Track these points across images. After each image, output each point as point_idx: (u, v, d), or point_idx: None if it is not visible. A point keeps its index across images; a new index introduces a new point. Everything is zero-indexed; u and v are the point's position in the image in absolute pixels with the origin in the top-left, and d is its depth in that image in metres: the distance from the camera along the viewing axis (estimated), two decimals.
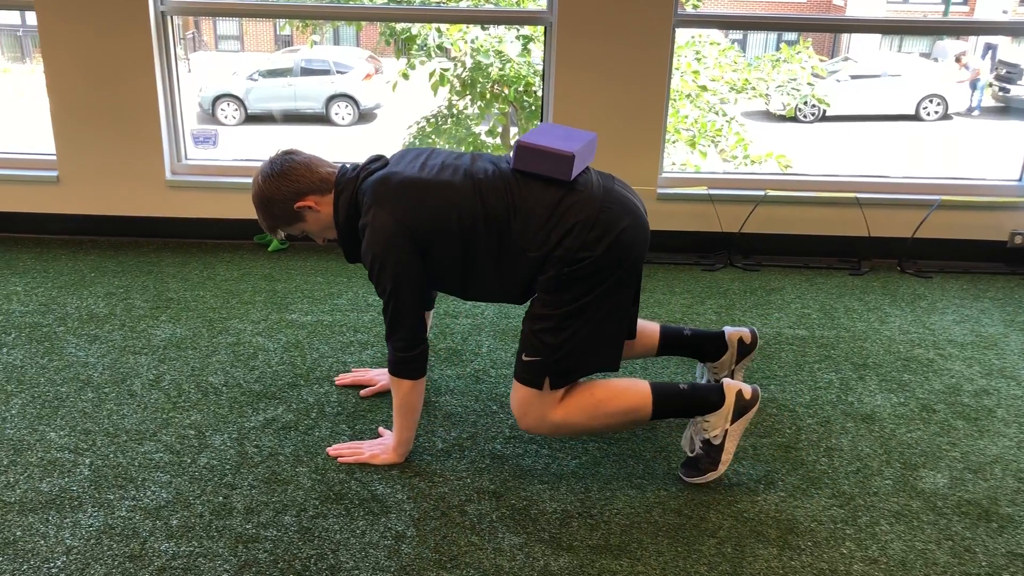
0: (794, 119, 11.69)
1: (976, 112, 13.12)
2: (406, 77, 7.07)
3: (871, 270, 3.76)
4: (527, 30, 7.07)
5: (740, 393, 2.16)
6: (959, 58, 13.32)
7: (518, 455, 2.34)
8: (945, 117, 12.58)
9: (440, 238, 2.08)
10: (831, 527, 2.09)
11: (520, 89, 7.03)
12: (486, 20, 6.73)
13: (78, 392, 2.60)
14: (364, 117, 11.91)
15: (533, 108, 7.15)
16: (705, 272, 3.69)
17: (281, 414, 2.51)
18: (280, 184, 2.17)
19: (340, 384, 2.68)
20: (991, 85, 13.35)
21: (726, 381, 2.19)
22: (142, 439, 2.37)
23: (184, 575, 1.88)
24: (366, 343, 2.95)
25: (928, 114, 12.49)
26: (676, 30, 3.62)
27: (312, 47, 11.12)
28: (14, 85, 14.16)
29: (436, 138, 7.85)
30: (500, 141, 7.65)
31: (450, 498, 2.16)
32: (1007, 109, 13.28)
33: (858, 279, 3.66)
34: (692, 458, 2.24)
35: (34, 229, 3.93)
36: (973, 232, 3.84)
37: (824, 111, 11.79)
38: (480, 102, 7.39)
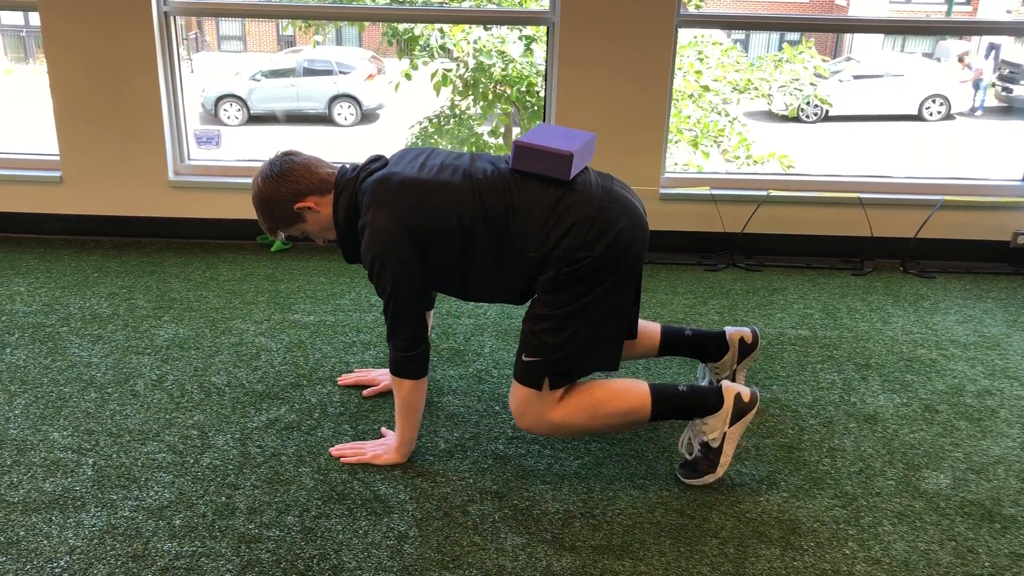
0: (796, 119, 11.68)
1: (979, 112, 13.10)
2: (408, 78, 7.07)
3: (874, 270, 3.75)
4: (530, 30, 7.07)
5: (739, 396, 2.16)
6: (962, 58, 13.30)
7: (520, 455, 2.34)
8: (948, 117, 12.56)
9: (439, 238, 2.08)
10: (834, 527, 2.09)
11: (522, 89, 7.03)
12: (488, 20, 6.74)
13: (81, 392, 2.60)
14: (367, 117, 11.92)
15: (535, 108, 7.15)
16: (707, 272, 3.69)
17: (284, 414, 2.51)
18: (280, 185, 2.17)
19: (343, 384, 2.68)
20: (994, 85, 13.34)
21: (725, 383, 2.19)
22: (145, 439, 2.37)
23: (187, 575, 1.88)
24: (368, 343, 2.95)
25: (931, 114, 12.48)
26: (679, 30, 3.62)
27: (315, 47, 11.14)
28: (17, 85, 14.18)
29: (438, 138, 7.85)
30: (503, 141, 7.64)
31: (453, 498, 2.16)
32: (1010, 109, 13.27)
33: (861, 279, 3.65)
34: (691, 460, 2.24)
35: (37, 229, 3.94)
36: (976, 232, 3.83)
37: (827, 111, 11.79)
38: (482, 102, 7.39)
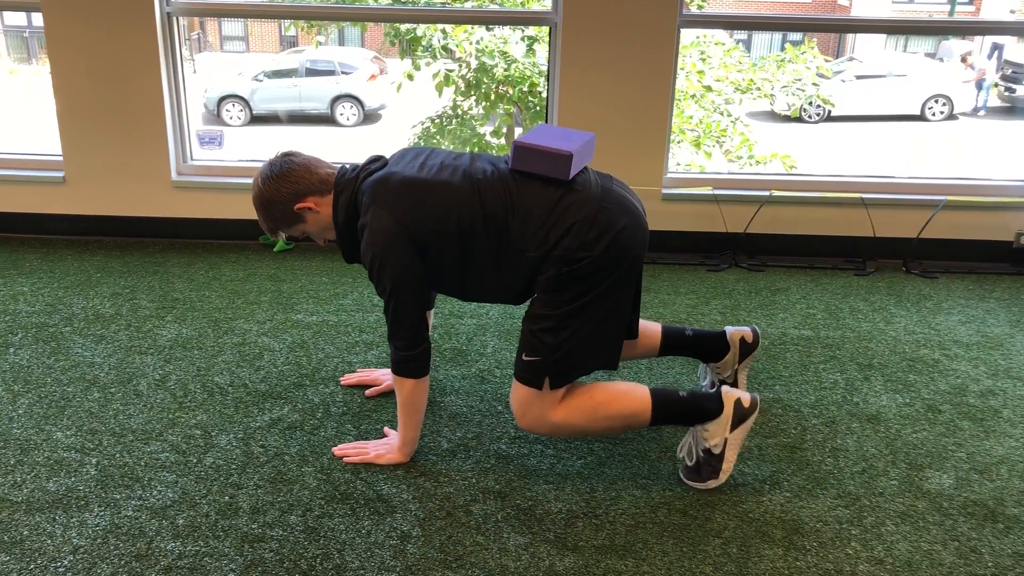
0: (799, 119, 11.67)
1: (982, 112, 13.09)
2: (411, 78, 7.07)
3: (876, 270, 3.75)
4: (532, 31, 7.07)
5: (739, 401, 2.16)
6: (965, 58, 13.29)
7: (523, 455, 2.34)
8: (951, 117, 12.55)
9: (439, 238, 2.08)
10: (836, 527, 2.08)
11: (524, 90, 7.03)
12: (491, 21, 6.74)
13: (84, 392, 2.61)
14: (369, 118, 11.93)
15: (538, 109, 7.15)
16: (710, 272, 3.69)
17: (287, 414, 2.51)
18: (280, 186, 2.17)
19: (345, 384, 2.68)
20: (997, 85, 13.32)
21: (725, 389, 2.18)
22: (148, 439, 2.37)
23: (190, 574, 1.88)
24: (371, 343, 2.95)
25: (934, 114, 12.47)
26: (681, 30, 3.62)
27: (317, 48, 11.14)
28: (20, 86, 14.20)
29: (441, 139, 7.86)
30: (505, 142, 7.65)
31: (455, 498, 2.16)
32: (1013, 109, 13.25)
33: (863, 279, 3.65)
34: (693, 465, 2.23)
35: (40, 230, 3.94)
36: (979, 232, 3.83)
37: (829, 111, 11.78)
38: (485, 103, 7.40)
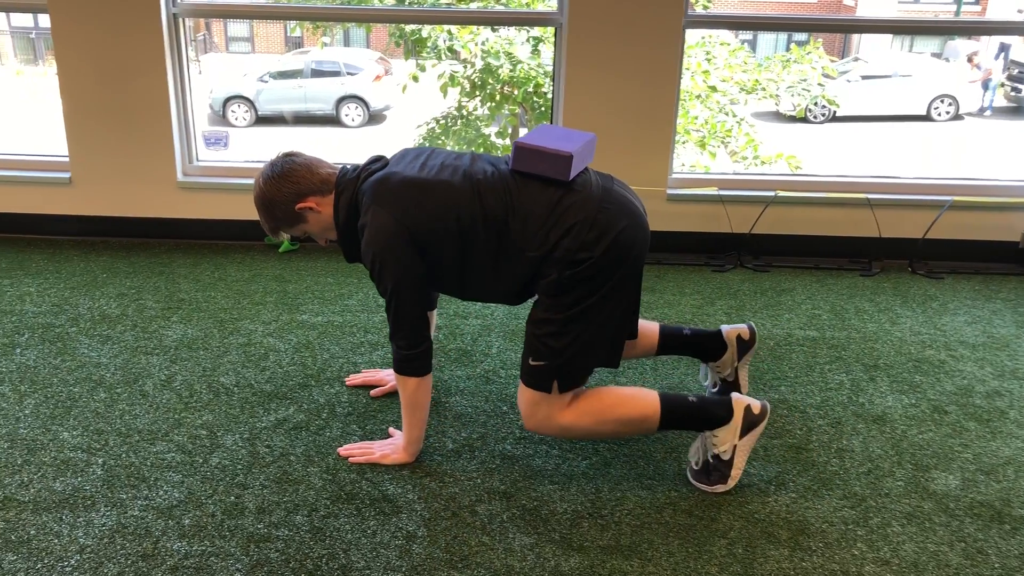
0: (804, 120, 11.66)
1: (988, 112, 13.06)
2: (416, 79, 7.08)
3: (882, 271, 3.74)
4: (537, 31, 7.07)
5: (748, 408, 2.16)
6: (971, 58, 13.26)
7: (528, 455, 2.34)
8: (956, 117, 12.52)
9: (439, 238, 2.08)
10: (842, 528, 2.08)
11: (530, 90, 7.03)
12: (496, 21, 6.74)
13: (90, 392, 2.62)
14: (374, 118, 11.95)
15: (543, 109, 7.15)
16: (715, 273, 3.69)
17: (292, 414, 2.52)
18: (281, 186, 2.18)
19: (351, 384, 2.69)
20: (1003, 85, 13.29)
21: (735, 396, 2.18)
22: (154, 439, 2.38)
23: (196, 574, 1.89)
24: (376, 344, 2.96)
25: (939, 114, 12.45)
26: (686, 31, 3.62)
27: (322, 48, 11.16)
28: (27, 87, 14.25)
29: (445, 139, 7.86)
30: (510, 142, 7.66)
31: (461, 498, 2.16)
32: (1019, 109, 13.22)
33: (869, 280, 3.64)
34: (701, 469, 2.23)
35: (47, 230, 3.96)
36: (985, 233, 3.82)
37: (834, 112, 11.76)
38: (490, 103, 7.40)
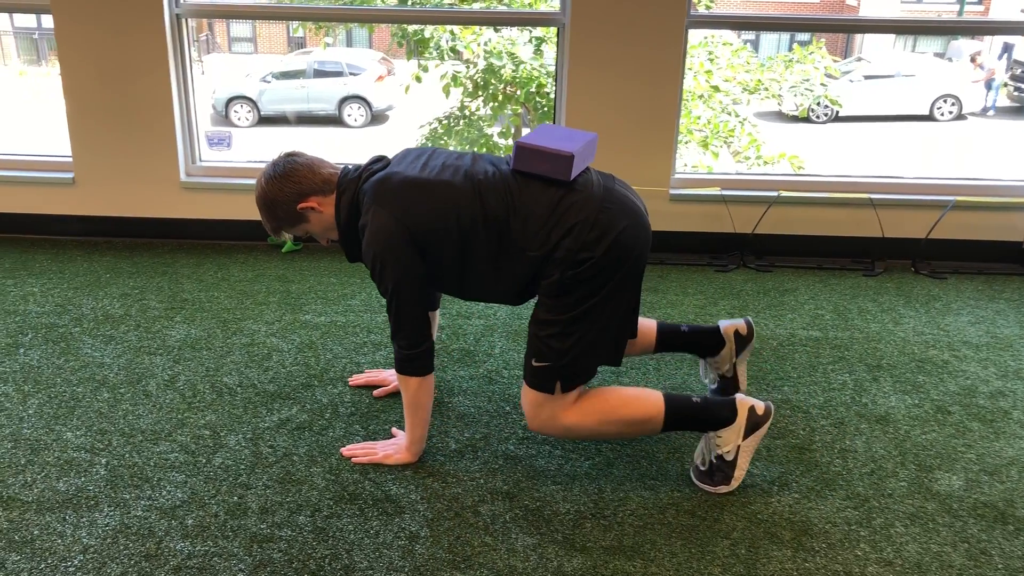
0: (807, 120, 11.66)
1: (991, 112, 13.05)
2: (418, 79, 7.08)
3: (885, 271, 3.74)
4: (540, 31, 7.07)
5: (752, 409, 2.16)
6: (974, 58, 13.25)
7: (531, 456, 2.34)
8: (959, 117, 12.52)
9: (439, 238, 2.08)
10: (845, 529, 2.08)
11: (532, 90, 7.03)
12: (499, 22, 6.74)
13: (94, 392, 2.62)
14: (376, 119, 11.96)
15: (545, 109, 7.16)
16: (718, 273, 3.69)
17: (295, 414, 2.52)
18: (283, 186, 2.18)
19: (354, 385, 2.69)
20: (1006, 85, 13.29)
21: (739, 397, 2.18)
22: (157, 439, 2.38)
23: (199, 574, 1.89)
24: (379, 344, 2.96)
25: (942, 114, 12.44)
26: (689, 31, 3.61)
27: (325, 49, 11.17)
28: (30, 87, 14.28)
29: (448, 139, 7.87)
30: (512, 142, 7.66)
31: (463, 499, 2.16)
32: (1022, 109, 13.21)
33: (872, 280, 3.64)
34: (705, 469, 2.23)
35: (50, 230, 3.96)
36: (988, 233, 3.81)
37: (837, 112, 11.76)
38: (492, 103, 7.40)
